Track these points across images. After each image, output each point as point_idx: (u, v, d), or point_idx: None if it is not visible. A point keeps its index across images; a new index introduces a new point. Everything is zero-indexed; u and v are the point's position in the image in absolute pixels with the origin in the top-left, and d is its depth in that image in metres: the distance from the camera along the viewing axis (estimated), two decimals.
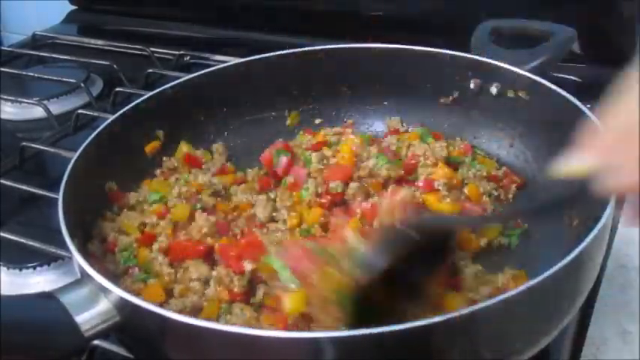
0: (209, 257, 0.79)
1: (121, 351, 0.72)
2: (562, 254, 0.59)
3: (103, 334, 0.62)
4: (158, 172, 0.94)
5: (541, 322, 0.63)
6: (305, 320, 0.67)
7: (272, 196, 0.88)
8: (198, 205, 0.84)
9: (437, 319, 0.54)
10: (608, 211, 0.64)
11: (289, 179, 0.89)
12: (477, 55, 0.95)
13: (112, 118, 0.89)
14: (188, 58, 1.43)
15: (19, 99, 1.28)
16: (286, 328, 0.68)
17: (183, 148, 0.96)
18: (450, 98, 0.99)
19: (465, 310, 0.55)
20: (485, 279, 0.74)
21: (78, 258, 0.64)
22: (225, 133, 1.01)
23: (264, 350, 0.56)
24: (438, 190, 0.84)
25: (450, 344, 0.57)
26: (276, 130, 1.03)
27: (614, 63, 0.61)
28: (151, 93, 0.95)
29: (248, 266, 0.75)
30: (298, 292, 0.66)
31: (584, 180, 0.51)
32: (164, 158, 0.95)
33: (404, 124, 1.02)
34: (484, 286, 0.72)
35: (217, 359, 0.59)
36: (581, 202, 0.67)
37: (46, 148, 1.11)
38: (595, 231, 0.62)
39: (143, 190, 0.89)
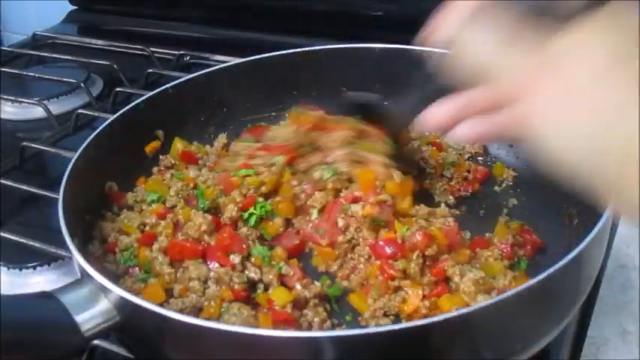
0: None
1: (121, 351, 0.72)
2: (562, 254, 0.59)
3: (103, 334, 0.62)
4: (155, 170, 0.94)
5: (541, 322, 0.63)
6: (297, 308, 0.71)
7: None
8: (203, 204, 0.83)
9: (436, 319, 0.55)
10: (608, 211, 0.65)
11: None
12: None
13: (112, 118, 0.89)
14: (188, 58, 1.43)
15: (19, 99, 1.28)
16: (284, 322, 0.69)
17: (178, 144, 0.96)
18: None
19: (465, 310, 0.55)
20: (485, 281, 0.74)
21: (78, 258, 0.65)
22: (225, 133, 1.01)
23: (265, 350, 0.56)
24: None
25: (450, 344, 0.57)
26: None
27: None
28: (150, 93, 0.95)
29: (236, 259, 0.75)
30: (279, 288, 0.73)
31: None
32: (161, 157, 0.95)
33: None
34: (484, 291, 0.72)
35: (217, 359, 0.59)
36: None
37: (46, 148, 1.11)
38: (595, 231, 0.62)
39: (139, 189, 0.89)
